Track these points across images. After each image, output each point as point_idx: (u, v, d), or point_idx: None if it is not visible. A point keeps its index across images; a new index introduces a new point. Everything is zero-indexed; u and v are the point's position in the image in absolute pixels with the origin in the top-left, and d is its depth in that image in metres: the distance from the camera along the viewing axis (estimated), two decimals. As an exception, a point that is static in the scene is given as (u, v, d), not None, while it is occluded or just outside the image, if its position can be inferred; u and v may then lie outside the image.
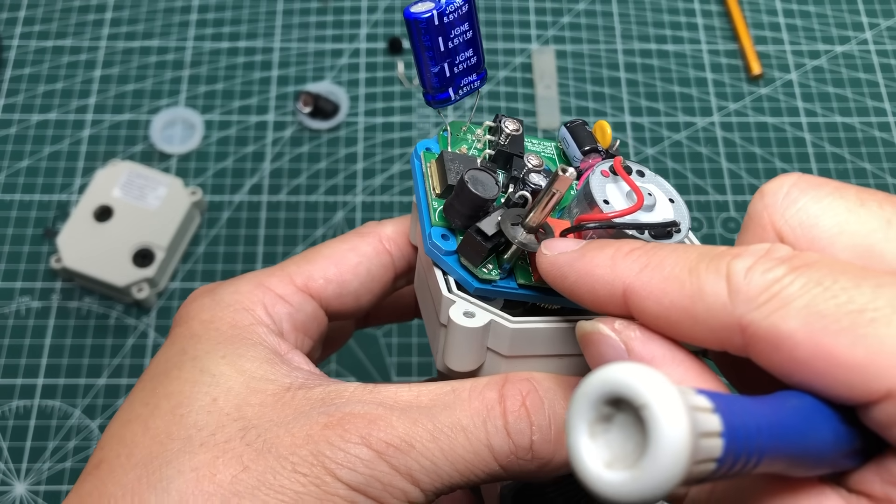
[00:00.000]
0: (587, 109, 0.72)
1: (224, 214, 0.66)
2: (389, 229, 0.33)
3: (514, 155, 0.31)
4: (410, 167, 0.31)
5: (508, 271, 0.28)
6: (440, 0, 0.28)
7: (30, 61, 0.73)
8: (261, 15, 0.76)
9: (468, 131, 0.32)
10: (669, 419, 0.17)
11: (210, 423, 0.26)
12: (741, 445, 0.18)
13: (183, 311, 0.31)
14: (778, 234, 0.23)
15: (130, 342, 0.61)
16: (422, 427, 0.25)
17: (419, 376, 0.61)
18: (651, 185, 0.29)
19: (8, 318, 0.62)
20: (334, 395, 0.26)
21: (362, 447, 0.24)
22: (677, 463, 0.17)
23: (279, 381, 0.27)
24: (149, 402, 0.27)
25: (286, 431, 0.25)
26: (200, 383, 0.27)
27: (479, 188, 0.27)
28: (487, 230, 0.27)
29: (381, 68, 0.74)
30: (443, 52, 0.28)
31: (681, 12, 0.78)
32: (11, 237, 0.65)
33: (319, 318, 0.32)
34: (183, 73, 0.73)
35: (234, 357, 0.28)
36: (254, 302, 0.30)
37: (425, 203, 0.29)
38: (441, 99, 0.30)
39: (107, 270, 0.60)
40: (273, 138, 0.70)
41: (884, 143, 0.71)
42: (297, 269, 0.32)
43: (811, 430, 0.20)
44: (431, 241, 0.28)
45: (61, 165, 0.68)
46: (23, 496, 0.56)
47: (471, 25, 0.29)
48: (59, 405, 0.59)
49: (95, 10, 0.76)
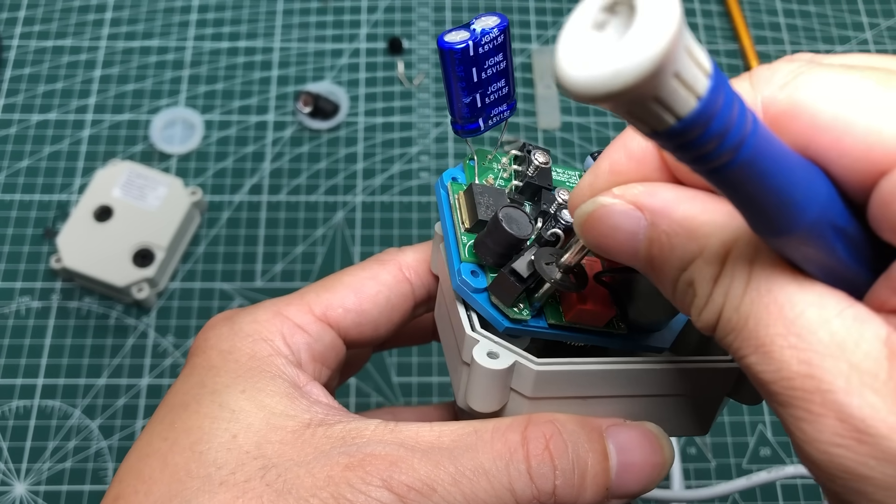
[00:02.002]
0: (587, 109, 0.72)
1: (224, 214, 0.66)
2: (410, 257, 0.33)
3: (542, 188, 0.30)
4: (436, 197, 0.30)
5: (539, 309, 0.27)
6: (475, 30, 0.27)
7: (30, 61, 0.73)
8: (261, 15, 0.76)
9: (494, 160, 0.31)
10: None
11: (230, 462, 0.25)
12: (726, 107, 0.16)
13: (201, 340, 0.30)
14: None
15: (130, 342, 0.61)
16: (443, 470, 0.25)
17: (419, 376, 0.61)
18: None
19: (8, 318, 0.62)
20: (355, 434, 0.26)
21: (383, 490, 0.24)
22: (664, 34, 0.15)
23: (299, 416, 0.27)
24: (167, 437, 0.27)
25: (307, 472, 0.25)
26: (220, 419, 0.26)
27: (513, 227, 0.26)
28: (522, 271, 0.26)
29: (381, 68, 0.74)
30: (475, 83, 0.28)
31: (681, 12, 0.78)
32: (11, 237, 0.65)
33: (338, 348, 0.32)
34: (183, 73, 0.73)
35: (254, 391, 0.27)
36: (272, 332, 0.30)
37: (453, 237, 0.28)
38: (470, 129, 0.29)
39: (107, 270, 0.60)
40: (273, 138, 0.70)
41: (884, 143, 0.71)
42: (316, 298, 0.31)
43: (813, 175, 0.19)
44: (461, 277, 0.27)
45: (61, 165, 0.68)
46: (23, 496, 0.56)
47: (504, 56, 0.28)
48: (58, 405, 0.59)
49: (95, 10, 0.76)
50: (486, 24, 0.27)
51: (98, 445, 0.57)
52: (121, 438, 0.58)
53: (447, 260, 0.29)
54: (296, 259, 0.65)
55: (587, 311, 0.27)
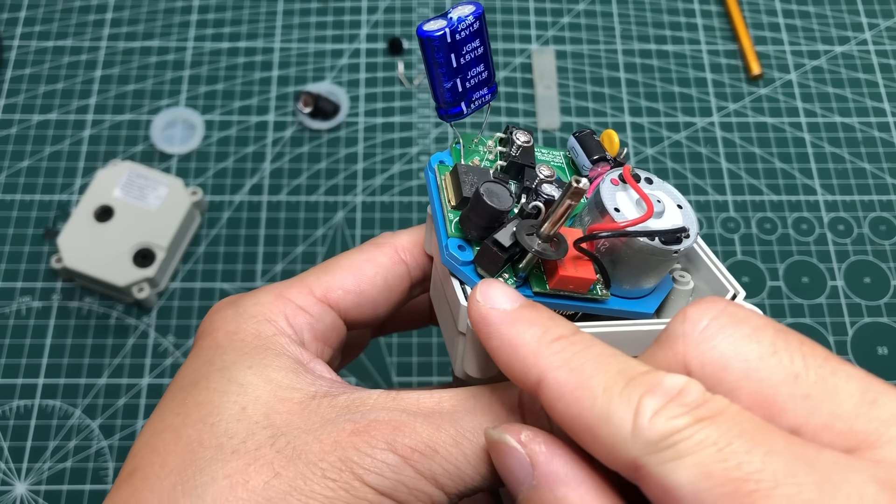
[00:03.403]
0: (587, 109, 0.72)
1: (224, 214, 0.67)
2: (405, 239, 0.34)
3: (525, 165, 0.31)
4: (425, 180, 0.31)
5: (524, 279, 0.29)
6: (451, 18, 0.28)
7: (30, 61, 0.73)
8: (261, 15, 0.76)
9: (480, 143, 0.33)
10: None
11: (240, 431, 0.26)
12: None
13: (206, 323, 0.31)
14: (687, 368, 0.23)
15: (131, 342, 0.61)
16: (445, 432, 0.26)
17: (419, 376, 0.61)
18: (660, 192, 0.30)
19: (8, 318, 0.62)
20: (359, 403, 0.27)
21: (388, 453, 0.25)
22: None
23: (304, 389, 0.28)
24: (179, 412, 0.28)
25: (314, 438, 0.26)
26: (229, 392, 0.28)
27: (494, 200, 0.28)
28: (504, 241, 0.27)
29: (381, 68, 0.74)
30: (455, 68, 0.29)
31: (680, 12, 0.78)
32: (12, 237, 0.65)
33: (339, 328, 0.33)
34: (183, 73, 0.73)
35: (261, 367, 0.28)
36: (276, 313, 0.31)
37: (441, 215, 0.30)
38: (454, 113, 0.30)
39: (107, 270, 0.60)
40: (273, 138, 0.70)
41: (883, 144, 0.71)
42: (317, 281, 0.32)
43: None
44: (449, 252, 0.29)
45: (62, 165, 0.68)
46: (23, 496, 0.56)
47: (482, 42, 0.29)
48: (59, 405, 0.59)
49: (96, 10, 0.76)
50: (462, 12, 0.29)
51: (99, 445, 0.58)
52: (121, 438, 0.58)
53: (437, 237, 0.30)
54: (296, 259, 0.65)
55: (568, 278, 0.28)
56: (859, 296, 0.64)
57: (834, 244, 0.66)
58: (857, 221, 0.67)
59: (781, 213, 0.67)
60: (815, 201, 0.68)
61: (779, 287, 0.64)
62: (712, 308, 0.24)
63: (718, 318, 0.23)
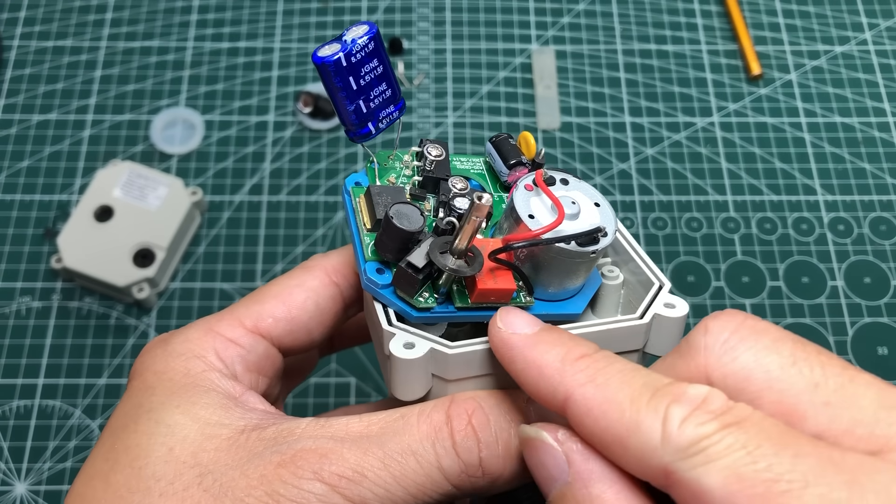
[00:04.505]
0: (587, 109, 0.72)
1: (224, 214, 0.67)
2: (334, 260, 0.34)
3: (440, 179, 0.31)
4: (342, 202, 0.31)
5: (445, 295, 0.29)
6: (346, 41, 0.28)
7: (30, 61, 0.73)
8: (261, 15, 0.76)
9: (395, 159, 0.33)
10: None
11: (168, 473, 0.26)
12: None
13: (137, 364, 0.31)
14: (708, 379, 0.24)
15: (131, 342, 0.61)
16: (372, 455, 0.26)
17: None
18: (575, 193, 0.30)
19: (8, 318, 0.62)
20: (286, 433, 0.27)
21: (315, 482, 0.25)
22: None
23: (234, 424, 0.28)
24: (108, 458, 0.28)
25: (241, 474, 0.26)
26: (156, 434, 0.28)
27: (404, 222, 0.28)
28: (418, 262, 0.27)
29: (381, 68, 0.74)
30: (356, 90, 0.29)
31: (680, 12, 0.78)
32: (12, 237, 0.65)
33: (273, 357, 0.33)
34: (183, 73, 0.73)
35: (188, 406, 0.28)
36: (205, 348, 0.31)
37: (358, 239, 0.30)
38: (362, 134, 0.31)
39: (107, 270, 0.60)
40: (273, 138, 0.70)
41: (883, 144, 0.71)
42: (246, 311, 0.32)
43: None
44: (367, 276, 0.29)
45: (62, 165, 0.68)
46: (23, 496, 0.56)
47: (380, 61, 0.29)
48: (59, 405, 0.59)
49: (96, 10, 0.76)
50: (356, 33, 0.29)
51: (98, 445, 0.58)
52: (121, 438, 0.58)
53: (356, 261, 0.30)
54: (296, 259, 0.65)
55: (488, 291, 0.28)
56: (859, 296, 0.64)
57: (834, 244, 0.66)
58: (857, 221, 0.67)
59: (781, 213, 0.67)
60: (815, 201, 0.68)
61: (779, 287, 0.64)
62: (733, 320, 0.24)
63: (739, 331, 0.24)
